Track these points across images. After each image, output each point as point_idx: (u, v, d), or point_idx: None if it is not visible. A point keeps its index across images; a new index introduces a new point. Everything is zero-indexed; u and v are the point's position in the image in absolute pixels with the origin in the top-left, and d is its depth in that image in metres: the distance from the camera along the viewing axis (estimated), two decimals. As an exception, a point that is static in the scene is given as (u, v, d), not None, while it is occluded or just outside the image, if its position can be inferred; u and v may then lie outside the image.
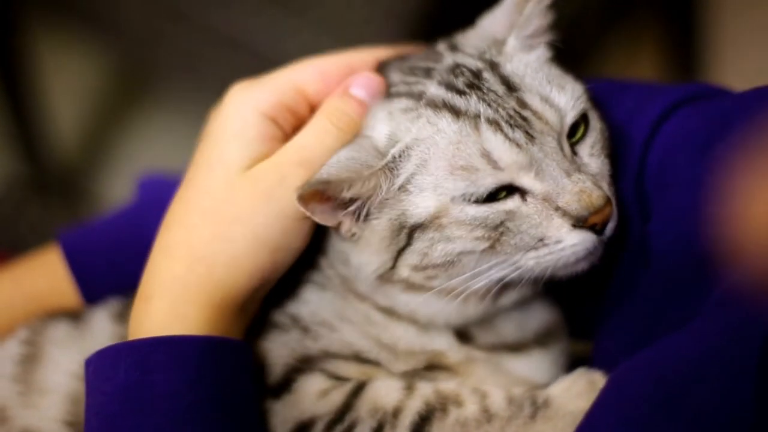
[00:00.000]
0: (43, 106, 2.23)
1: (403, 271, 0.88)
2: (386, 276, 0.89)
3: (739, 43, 2.35)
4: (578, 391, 0.88)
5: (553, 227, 0.85)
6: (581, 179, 0.85)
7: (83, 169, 2.32)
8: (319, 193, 0.85)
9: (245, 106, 0.90)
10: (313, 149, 0.87)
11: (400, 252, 0.87)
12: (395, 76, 0.92)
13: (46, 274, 1.05)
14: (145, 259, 0.90)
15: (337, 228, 0.89)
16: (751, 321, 0.73)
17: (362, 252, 0.89)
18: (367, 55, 0.95)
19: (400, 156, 0.86)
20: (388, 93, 0.90)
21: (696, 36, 2.34)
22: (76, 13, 2.28)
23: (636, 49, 2.42)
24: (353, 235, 0.89)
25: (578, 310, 1.01)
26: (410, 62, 0.93)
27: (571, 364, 0.96)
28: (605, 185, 0.87)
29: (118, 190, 2.16)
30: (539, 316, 0.98)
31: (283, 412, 0.89)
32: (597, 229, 0.85)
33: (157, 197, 1.02)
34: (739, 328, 0.74)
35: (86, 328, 0.99)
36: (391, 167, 0.86)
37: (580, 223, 0.84)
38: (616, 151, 0.92)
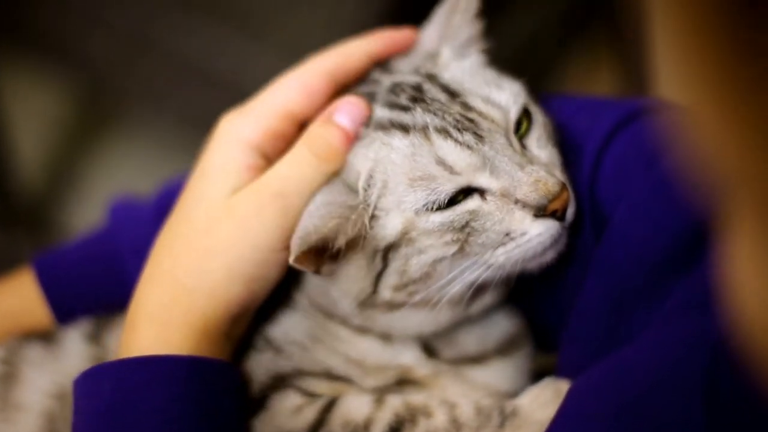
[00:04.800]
0: (7, 136, 2.22)
1: (386, 293, 0.89)
2: (368, 302, 0.91)
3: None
4: (545, 400, 0.89)
5: (516, 220, 0.87)
6: (534, 170, 0.87)
7: (49, 199, 2.31)
8: (315, 249, 0.86)
9: (230, 138, 0.91)
10: (291, 179, 0.87)
11: (379, 276, 0.89)
12: None
13: (20, 294, 1.06)
14: (115, 279, 0.91)
15: (318, 270, 0.89)
16: (700, 330, 0.74)
17: (341, 284, 0.90)
18: (345, 60, 0.95)
19: (367, 186, 0.87)
20: None
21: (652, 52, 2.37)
22: (40, 41, 2.28)
23: (594, 65, 2.46)
24: (332, 271, 0.90)
25: (541, 322, 1.02)
26: (353, 93, 0.94)
27: (540, 375, 0.97)
28: (558, 172, 0.89)
29: (84, 219, 2.15)
30: (500, 328, 1.00)
31: (260, 429, 0.90)
32: (558, 215, 0.87)
33: (126, 218, 1.04)
34: (690, 338, 0.75)
35: (58, 348, 1.00)
36: (366, 200, 0.87)
37: (540, 212, 0.86)
38: (569, 158, 0.94)
